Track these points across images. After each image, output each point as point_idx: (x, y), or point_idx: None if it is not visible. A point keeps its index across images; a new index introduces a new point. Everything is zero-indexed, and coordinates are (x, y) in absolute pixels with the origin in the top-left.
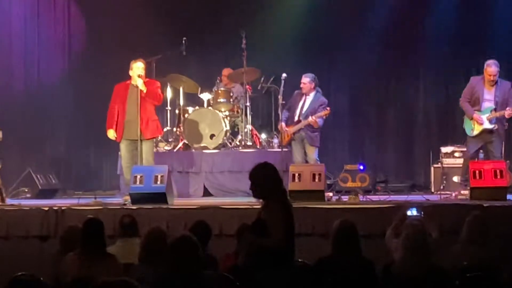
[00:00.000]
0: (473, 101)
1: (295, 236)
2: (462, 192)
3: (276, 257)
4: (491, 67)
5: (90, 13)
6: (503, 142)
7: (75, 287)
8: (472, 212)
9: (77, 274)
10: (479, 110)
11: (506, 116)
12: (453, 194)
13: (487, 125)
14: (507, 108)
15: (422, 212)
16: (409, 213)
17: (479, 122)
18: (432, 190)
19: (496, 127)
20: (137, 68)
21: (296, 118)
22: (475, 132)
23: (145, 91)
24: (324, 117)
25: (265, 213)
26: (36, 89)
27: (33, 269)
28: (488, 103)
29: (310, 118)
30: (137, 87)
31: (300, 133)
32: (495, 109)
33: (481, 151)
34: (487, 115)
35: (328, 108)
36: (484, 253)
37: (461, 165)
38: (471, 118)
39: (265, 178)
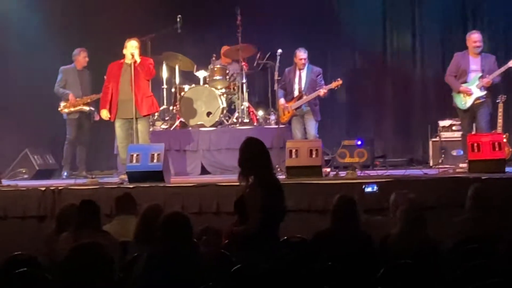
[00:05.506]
0: (460, 74)
1: (292, 212)
2: (461, 165)
3: (251, 241)
4: (475, 34)
5: None
6: (491, 114)
7: (68, 265)
8: (472, 185)
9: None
10: (466, 82)
11: (485, 85)
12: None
13: (478, 93)
14: (486, 76)
15: (377, 188)
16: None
17: (468, 93)
18: (431, 164)
19: (487, 95)
20: (131, 47)
21: (296, 93)
22: (468, 104)
23: (138, 61)
24: (336, 88)
25: (247, 192)
26: (33, 72)
27: (30, 249)
28: (474, 73)
29: (322, 90)
30: (131, 65)
31: (302, 108)
32: (482, 77)
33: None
34: (476, 83)
35: (339, 79)
36: (481, 226)
37: (459, 138)
38: (458, 92)
39: (248, 153)
